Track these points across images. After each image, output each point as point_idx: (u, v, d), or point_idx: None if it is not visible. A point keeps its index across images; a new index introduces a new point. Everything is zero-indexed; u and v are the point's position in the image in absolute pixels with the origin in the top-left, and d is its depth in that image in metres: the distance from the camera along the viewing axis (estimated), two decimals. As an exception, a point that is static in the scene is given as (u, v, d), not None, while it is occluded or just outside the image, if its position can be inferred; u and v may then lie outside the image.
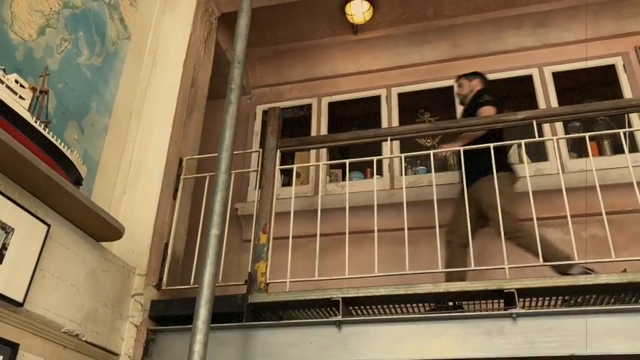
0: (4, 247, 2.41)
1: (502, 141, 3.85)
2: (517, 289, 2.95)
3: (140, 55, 4.12)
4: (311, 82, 5.91)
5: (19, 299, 2.47)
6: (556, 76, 5.22)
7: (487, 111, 4.00)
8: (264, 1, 4.78)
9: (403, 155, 3.99)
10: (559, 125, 4.85)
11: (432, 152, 3.83)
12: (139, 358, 3.22)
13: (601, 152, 4.87)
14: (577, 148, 4.93)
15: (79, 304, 2.87)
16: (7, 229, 2.43)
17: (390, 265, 3.57)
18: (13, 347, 2.45)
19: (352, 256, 3.54)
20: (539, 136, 3.57)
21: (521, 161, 4.59)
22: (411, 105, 5.65)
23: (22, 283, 2.49)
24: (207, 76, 4.59)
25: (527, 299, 3.06)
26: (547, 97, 5.11)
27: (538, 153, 4.91)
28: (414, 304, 3.31)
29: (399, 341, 3.02)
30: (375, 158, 3.91)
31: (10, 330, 2.45)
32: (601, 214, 3.20)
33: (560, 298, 3.15)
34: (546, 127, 4.77)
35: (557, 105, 5.00)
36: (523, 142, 3.67)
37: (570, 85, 5.33)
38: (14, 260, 2.44)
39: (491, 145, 3.54)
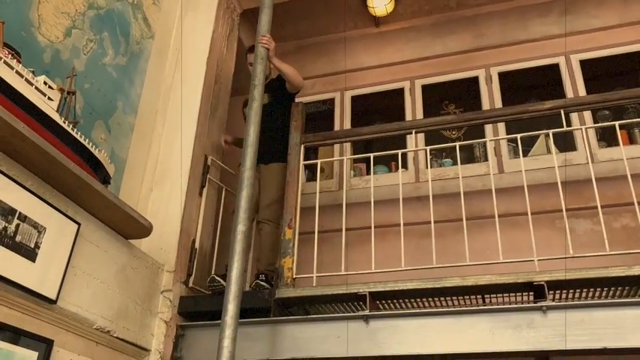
0: (37, 245, 2.47)
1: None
2: (547, 282, 2.90)
3: (164, 54, 4.16)
4: (333, 76, 5.88)
5: (53, 297, 2.52)
6: (584, 63, 5.11)
7: None
8: (285, -4, 4.78)
9: (428, 148, 3.95)
10: (587, 114, 4.75)
11: (457, 144, 3.78)
12: (169, 354, 3.27)
13: (631, 141, 4.76)
14: (606, 137, 4.82)
15: (109, 300, 2.92)
16: (39, 229, 2.48)
17: (416, 258, 3.55)
18: (48, 343, 2.51)
19: (378, 250, 3.53)
20: (567, 126, 3.51)
21: (549, 151, 4.51)
22: (435, 97, 5.59)
23: (55, 281, 2.54)
24: (230, 72, 4.61)
25: (557, 291, 3.00)
26: (575, 85, 5.01)
27: (566, 143, 4.82)
28: (442, 298, 3.28)
29: (427, 335, 3.00)
30: (399, 152, 3.88)
31: (44, 327, 2.51)
32: (632, 204, 3.13)
33: (592, 290, 3.09)
34: (574, 116, 4.68)
35: (585, 93, 4.90)
36: (551, 131, 3.60)
37: (599, 72, 5.21)
38: (47, 258, 2.50)
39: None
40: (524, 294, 3.11)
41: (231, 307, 2.69)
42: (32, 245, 2.44)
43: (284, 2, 4.79)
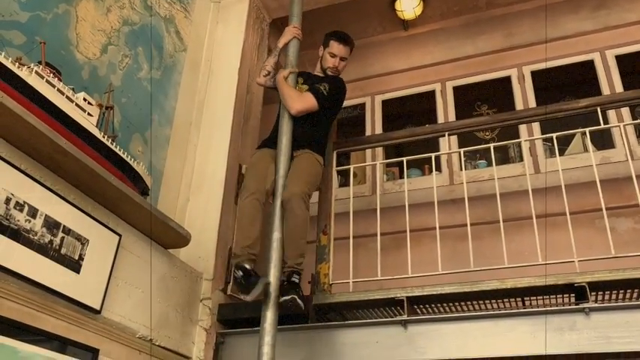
0: (81, 257, 2.55)
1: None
2: (588, 283, 2.85)
3: (196, 66, 4.24)
4: (363, 80, 5.89)
5: (97, 307, 2.60)
6: (619, 59, 5.00)
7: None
8: (313, 4, 4.81)
9: (462, 150, 3.92)
10: (625, 111, 4.64)
11: (492, 145, 3.74)
12: (210, 360, 3.32)
13: (672, 136, 4.63)
14: (646, 133, 4.71)
15: (151, 309, 2.98)
16: (83, 241, 2.56)
17: (452, 262, 3.53)
18: (94, 352, 2.59)
19: (413, 254, 3.51)
20: (604, 123, 3.44)
21: (586, 150, 4.43)
22: (467, 98, 5.55)
23: (99, 291, 2.62)
24: (261, 82, 4.66)
25: (599, 293, 2.94)
26: (611, 81, 4.91)
27: (603, 140, 4.72)
28: (481, 302, 3.24)
29: (466, 339, 2.97)
30: (433, 155, 3.86)
31: (90, 336, 2.58)
32: (676, 201, 3.04)
33: (636, 290, 3.02)
34: (611, 113, 4.58)
35: (622, 89, 4.79)
36: (587, 130, 3.54)
37: (636, 67, 5.09)
38: (90, 270, 2.57)
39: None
40: (565, 296, 3.05)
41: (269, 315, 2.72)
42: (76, 257, 2.52)
43: (313, 10, 4.83)
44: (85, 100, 2.69)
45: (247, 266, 2.81)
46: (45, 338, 2.36)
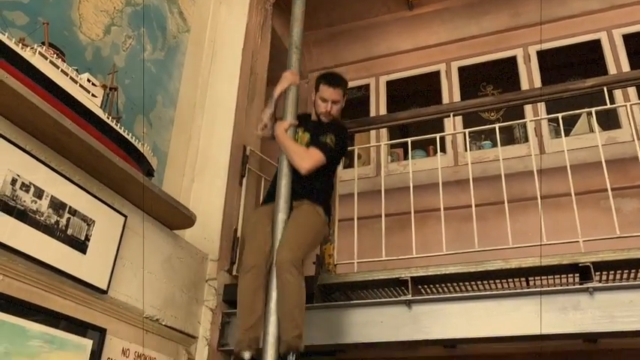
0: (87, 238, 2.56)
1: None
2: (593, 263, 2.85)
3: (200, 47, 4.22)
4: (368, 61, 5.86)
5: (104, 287, 2.62)
6: (626, 38, 4.94)
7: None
8: (317, -16, 4.77)
9: (467, 130, 3.91)
10: (632, 90, 4.60)
11: (497, 125, 3.72)
12: (216, 341, 3.35)
13: (679, 116, 4.59)
14: (653, 113, 4.67)
15: (157, 290, 3.01)
16: (89, 222, 2.57)
17: (456, 243, 3.54)
18: (102, 332, 2.61)
19: (418, 235, 3.53)
20: (610, 103, 3.42)
21: (591, 130, 4.40)
22: (472, 78, 5.51)
23: (105, 272, 2.64)
24: (265, 63, 4.64)
25: (603, 273, 2.95)
26: (617, 61, 4.86)
27: (609, 120, 4.69)
28: (485, 282, 3.26)
29: (470, 319, 2.99)
30: (438, 135, 3.85)
31: (97, 316, 2.61)
32: (682, 181, 3.04)
33: (640, 270, 3.03)
34: (618, 92, 4.54)
35: (629, 69, 4.75)
36: (594, 109, 3.52)
37: (643, 47, 5.04)
38: (96, 250, 2.59)
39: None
40: (569, 276, 3.06)
41: (274, 295, 2.72)
42: (82, 238, 2.54)
43: (316, -10, 4.79)
44: (88, 81, 2.67)
45: (246, 358, 2.63)
46: (53, 318, 2.39)
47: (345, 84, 3.17)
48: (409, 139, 3.84)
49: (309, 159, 2.88)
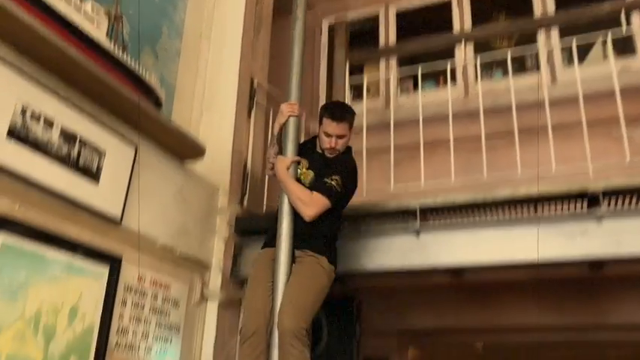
0: (99, 168, 2.59)
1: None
2: (602, 190, 2.85)
3: (204, -24, 4.11)
4: (377, -9, 5.67)
5: (118, 216, 2.67)
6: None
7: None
8: None
9: (479, 56, 3.81)
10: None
11: (509, 52, 3.64)
12: (229, 269, 3.43)
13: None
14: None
15: (170, 220, 3.07)
16: (100, 152, 2.59)
17: (466, 173, 3.55)
18: (117, 260, 2.68)
19: (427, 166, 3.53)
20: (627, 29, 3.32)
21: (606, 58, 4.30)
22: (484, 7, 5.34)
23: (119, 201, 2.68)
24: (271, -10, 4.51)
25: (612, 199, 2.94)
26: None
27: (625, 46, 4.56)
28: (493, 210, 3.26)
29: (478, 246, 3.04)
30: (448, 64, 3.78)
31: (113, 244, 2.68)
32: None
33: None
34: (635, 18, 4.39)
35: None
36: (609, 35, 3.41)
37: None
38: (109, 181, 2.63)
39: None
40: (577, 203, 3.05)
41: (285, 224, 2.76)
42: (94, 168, 2.57)
43: None
44: (92, 9, 2.63)
45: None
46: (70, 246, 2.45)
47: (350, 116, 2.86)
48: (419, 65, 3.75)
49: (313, 206, 2.64)
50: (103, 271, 2.61)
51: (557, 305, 4.18)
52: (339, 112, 2.83)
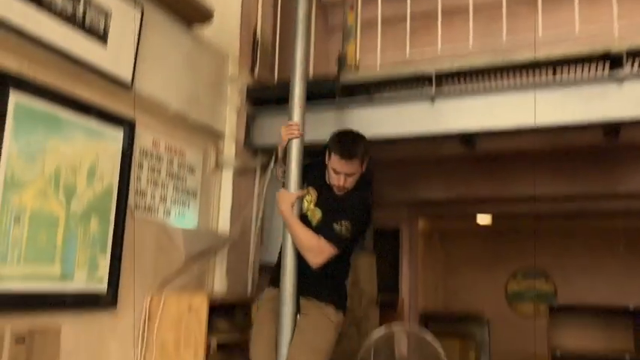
0: (106, 30, 2.51)
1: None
2: (626, 50, 2.74)
3: None
4: None
5: (128, 80, 2.63)
6: None
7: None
8: None
9: None
10: None
11: None
12: (242, 137, 3.44)
13: None
14: None
15: (181, 86, 3.03)
16: (106, 13, 2.50)
17: (485, 40, 3.42)
18: (131, 123, 2.68)
19: (444, 33, 3.39)
20: None
21: None
22: None
23: (128, 65, 2.63)
24: None
25: (637, 60, 2.83)
26: None
27: None
28: (512, 75, 3.17)
29: (494, 111, 2.99)
30: None
31: (125, 109, 2.66)
32: None
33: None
34: None
35: None
36: None
37: None
38: (117, 43, 2.56)
39: None
40: (599, 66, 2.95)
41: (297, 90, 2.70)
42: (102, 29, 2.49)
43: None
44: None
45: None
46: (83, 108, 2.45)
47: (362, 151, 2.51)
48: None
49: (320, 254, 2.41)
50: (117, 134, 2.62)
51: (570, 174, 4.21)
52: (348, 148, 2.48)
